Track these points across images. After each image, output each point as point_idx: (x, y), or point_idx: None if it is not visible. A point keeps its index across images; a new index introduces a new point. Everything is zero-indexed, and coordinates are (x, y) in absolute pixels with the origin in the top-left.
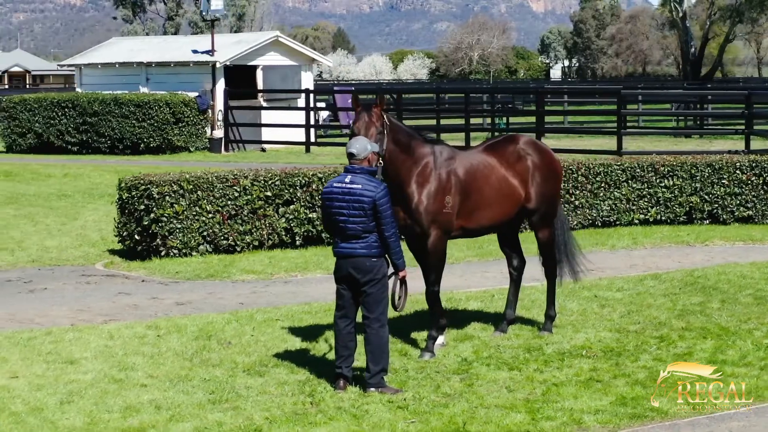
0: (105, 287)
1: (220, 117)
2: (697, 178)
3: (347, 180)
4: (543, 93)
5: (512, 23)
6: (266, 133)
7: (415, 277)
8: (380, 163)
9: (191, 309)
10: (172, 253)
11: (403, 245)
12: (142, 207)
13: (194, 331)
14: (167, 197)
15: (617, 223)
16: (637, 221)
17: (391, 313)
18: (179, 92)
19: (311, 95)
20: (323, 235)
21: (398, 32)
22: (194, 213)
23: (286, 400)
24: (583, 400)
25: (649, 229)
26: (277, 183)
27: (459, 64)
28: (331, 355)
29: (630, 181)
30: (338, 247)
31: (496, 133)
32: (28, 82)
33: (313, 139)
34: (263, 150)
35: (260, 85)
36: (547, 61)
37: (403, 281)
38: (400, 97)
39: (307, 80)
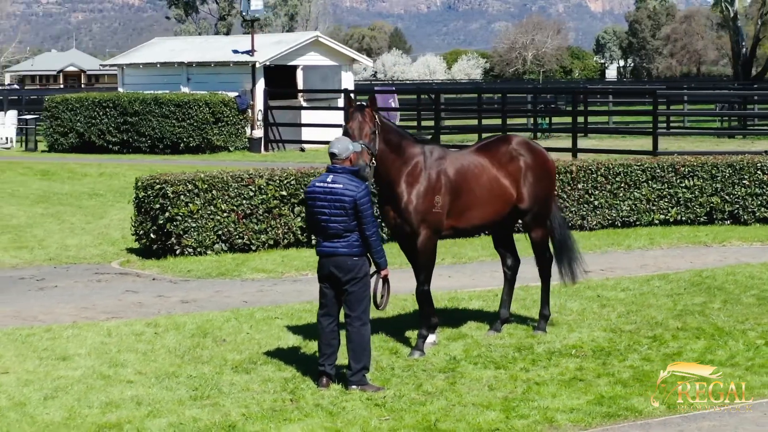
0: (114, 285)
1: (260, 117)
2: (718, 178)
3: (329, 180)
4: (578, 93)
5: (570, 23)
6: (306, 133)
7: (410, 277)
8: (373, 163)
9: (195, 307)
10: (187, 252)
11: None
12: (158, 206)
13: (192, 329)
14: (182, 196)
15: (637, 223)
16: (657, 222)
17: (388, 313)
18: (219, 92)
19: (348, 95)
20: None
21: (456, 32)
22: (209, 212)
23: (267, 397)
24: (561, 399)
25: (668, 230)
26: (292, 182)
27: (513, 64)
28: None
29: (650, 182)
30: (320, 246)
31: (539, 134)
32: (83, 81)
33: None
34: (302, 150)
35: (300, 85)
36: (602, 61)
37: (385, 280)
38: (438, 97)
39: (348, 80)
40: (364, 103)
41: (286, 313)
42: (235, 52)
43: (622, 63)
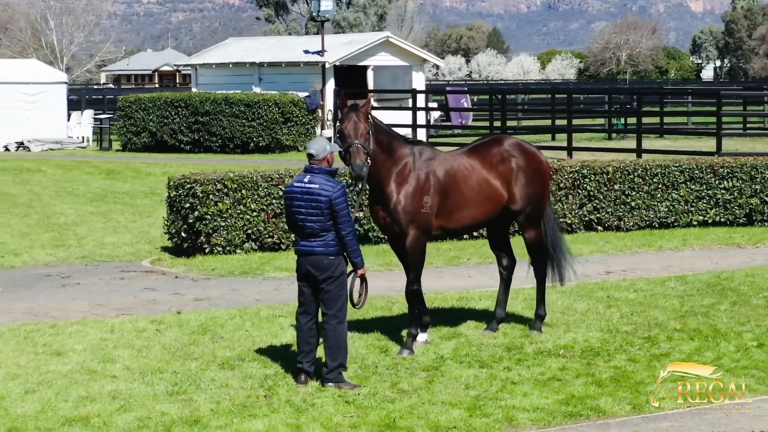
0: (135, 283)
1: (330, 117)
2: (757, 179)
3: (306, 180)
4: (643, 94)
5: (670, 23)
6: None
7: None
8: (368, 163)
9: (207, 305)
10: (216, 251)
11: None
12: (188, 205)
13: (194, 327)
14: (211, 195)
15: (675, 224)
16: (695, 223)
17: (390, 312)
18: (289, 92)
19: (418, 95)
20: (371, 233)
21: (555, 32)
22: (239, 211)
23: (242, 393)
24: (530, 398)
25: (704, 231)
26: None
27: (607, 64)
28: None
29: (688, 183)
30: (298, 245)
31: (614, 134)
32: (177, 81)
33: (423, 140)
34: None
35: (371, 85)
36: (699, 62)
37: (363, 279)
38: (504, 97)
39: (419, 80)
40: (359, 102)
41: (291, 312)
42: (306, 52)
43: (718, 63)
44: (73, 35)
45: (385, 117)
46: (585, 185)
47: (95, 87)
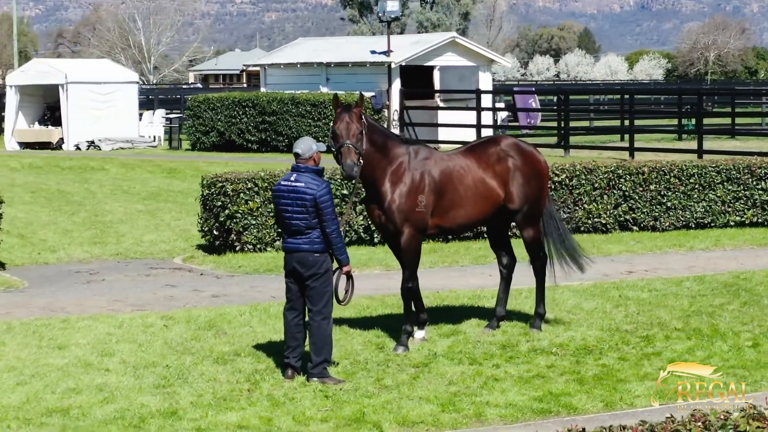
0: (159, 280)
1: (396, 116)
2: None
3: (292, 178)
4: (703, 94)
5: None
6: (442, 133)
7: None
8: (360, 162)
9: (222, 301)
10: (246, 249)
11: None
12: (219, 204)
13: (201, 322)
14: (241, 194)
15: (712, 225)
16: (732, 223)
17: (391, 310)
18: (356, 92)
19: (483, 96)
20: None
21: (649, 32)
22: (269, 210)
23: (226, 387)
24: (508, 395)
25: (739, 232)
26: (353, 181)
27: (695, 64)
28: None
29: (725, 183)
30: (285, 243)
31: (684, 135)
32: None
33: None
34: (435, 149)
35: (437, 86)
36: None
37: (349, 276)
38: (566, 98)
39: (486, 81)
40: (351, 104)
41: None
42: (373, 52)
43: None
44: (161, 35)
45: (451, 117)
46: (620, 185)
47: (169, 87)
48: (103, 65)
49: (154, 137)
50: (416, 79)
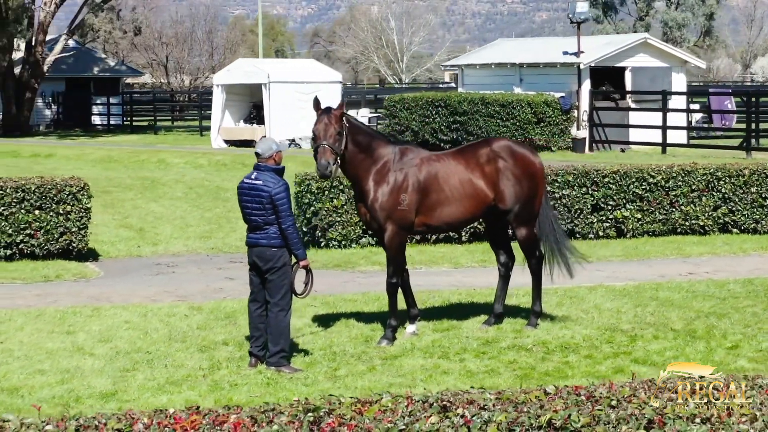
0: (225, 273)
1: (585, 117)
2: None
3: (253, 176)
4: (752, 95)
5: None
6: (633, 134)
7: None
8: (337, 162)
9: None
10: (331, 245)
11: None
12: (306, 201)
13: (221, 313)
14: (326, 192)
15: None
16: None
17: (378, 308)
18: (545, 93)
19: (671, 97)
20: None
21: None
22: (354, 208)
23: (182, 372)
24: (438, 387)
25: None
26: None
27: None
28: (309, 339)
29: None
30: (247, 237)
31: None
32: None
33: (683, 141)
34: (622, 150)
35: (628, 87)
36: None
37: (308, 270)
38: (750, 99)
39: (679, 82)
40: (332, 106)
41: (326, 302)
42: (564, 53)
43: None
44: (413, 35)
45: (642, 118)
46: (719, 187)
47: (378, 87)
48: (308, 65)
49: None
50: (608, 79)
